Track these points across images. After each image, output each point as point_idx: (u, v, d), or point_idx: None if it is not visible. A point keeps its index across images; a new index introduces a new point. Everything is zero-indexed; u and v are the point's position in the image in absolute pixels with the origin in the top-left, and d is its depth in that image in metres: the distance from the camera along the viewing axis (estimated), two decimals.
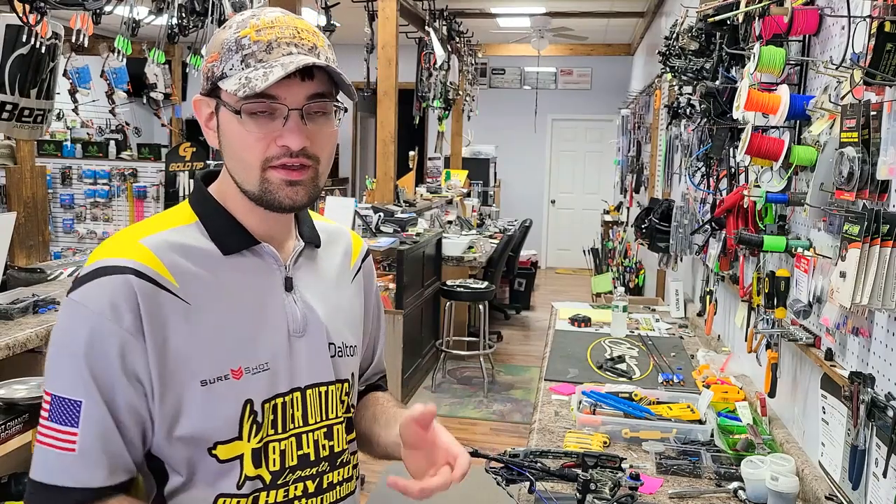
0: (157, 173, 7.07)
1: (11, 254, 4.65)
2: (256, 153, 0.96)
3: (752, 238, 1.85)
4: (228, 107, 0.97)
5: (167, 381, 0.94)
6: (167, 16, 3.18)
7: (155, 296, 0.94)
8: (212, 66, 0.99)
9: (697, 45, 2.40)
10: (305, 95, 0.96)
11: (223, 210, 1.03)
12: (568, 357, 2.84)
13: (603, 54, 10.11)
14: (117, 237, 1.00)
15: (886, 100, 1.34)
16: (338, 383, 1.09)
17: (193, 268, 0.98)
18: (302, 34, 0.97)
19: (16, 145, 5.66)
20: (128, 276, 0.93)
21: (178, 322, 0.95)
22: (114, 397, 0.92)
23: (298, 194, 0.98)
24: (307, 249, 1.11)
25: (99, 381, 0.92)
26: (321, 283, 1.11)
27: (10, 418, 1.90)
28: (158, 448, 0.98)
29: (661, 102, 5.09)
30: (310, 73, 0.96)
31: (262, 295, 1.03)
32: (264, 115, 0.95)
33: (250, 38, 0.95)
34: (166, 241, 0.98)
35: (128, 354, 0.92)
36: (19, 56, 3.01)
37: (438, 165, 8.73)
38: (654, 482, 1.76)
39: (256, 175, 0.97)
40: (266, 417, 1.00)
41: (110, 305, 0.91)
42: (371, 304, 1.25)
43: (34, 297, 2.64)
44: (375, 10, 5.51)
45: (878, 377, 1.40)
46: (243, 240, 1.03)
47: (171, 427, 0.96)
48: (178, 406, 0.95)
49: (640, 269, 6.37)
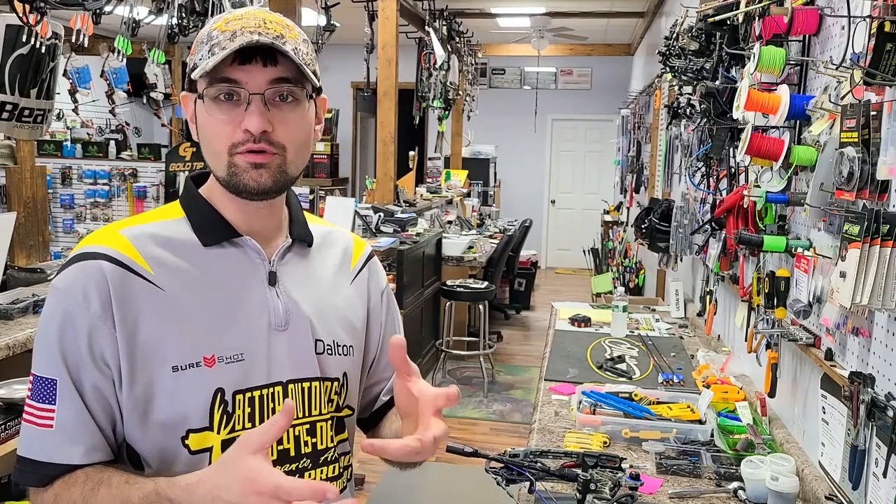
0: (157, 173, 7.06)
1: (11, 254, 4.65)
2: (222, 138, 0.98)
3: (752, 238, 1.85)
4: (198, 96, 1.00)
5: (137, 364, 0.96)
6: (167, 16, 3.18)
7: (126, 281, 0.96)
8: (189, 59, 1.01)
9: (697, 45, 2.40)
10: (267, 80, 0.97)
11: (207, 204, 1.06)
12: (568, 357, 2.84)
13: (603, 54, 10.11)
14: (102, 228, 1.03)
15: (886, 100, 1.34)
16: (325, 381, 1.07)
17: (171, 257, 1.00)
18: (269, 24, 0.98)
19: (16, 145, 5.66)
20: (100, 261, 0.96)
21: (150, 307, 0.97)
22: (81, 378, 0.95)
23: (262, 177, 0.99)
24: (297, 247, 1.11)
25: (68, 361, 0.95)
26: (311, 281, 1.11)
27: (10, 418, 1.90)
28: (132, 437, 0.98)
29: (661, 102, 5.09)
30: (273, 60, 0.97)
31: (242, 287, 1.03)
32: (229, 101, 0.97)
33: (219, 29, 0.97)
34: (147, 232, 1.01)
35: (95, 338, 0.95)
36: (19, 56, 3.01)
37: (438, 165, 8.73)
38: (654, 482, 1.76)
39: (224, 160, 0.99)
40: (242, 409, 0.99)
41: (82, 290, 0.95)
42: (378, 309, 1.22)
43: (34, 297, 2.64)
44: (375, 10, 5.50)
45: (878, 377, 1.40)
46: (224, 232, 1.04)
47: (144, 412, 0.96)
48: (149, 391, 0.96)
49: (640, 269, 6.38)
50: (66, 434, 0.94)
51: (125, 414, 0.97)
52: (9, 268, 3.14)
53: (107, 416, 0.97)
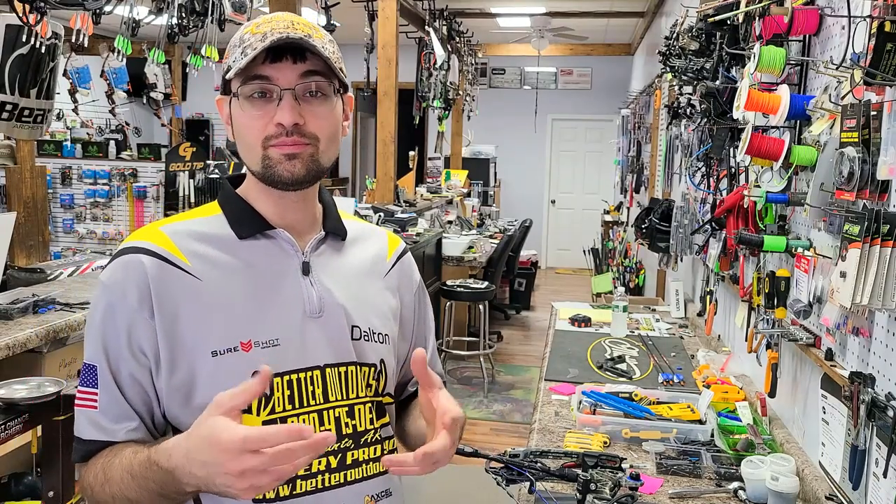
0: (157, 173, 7.06)
1: (11, 254, 4.65)
2: (255, 133, 1.04)
3: (752, 238, 1.85)
4: (233, 95, 1.05)
5: (178, 351, 1.01)
6: (167, 16, 3.18)
7: (165, 273, 1.02)
8: (223, 64, 1.07)
9: (697, 45, 2.40)
10: (297, 75, 1.03)
11: (242, 200, 1.12)
12: (568, 357, 2.84)
13: (603, 54, 10.11)
14: (144, 227, 1.10)
15: (886, 100, 1.34)
16: (362, 366, 1.11)
17: (208, 249, 1.06)
18: (297, 25, 1.03)
19: (16, 145, 5.66)
20: (140, 255, 1.03)
21: (189, 296, 1.02)
22: (119, 367, 1.02)
23: (296, 167, 1.04)
24: (330, 240, 1.15)
25: (108, 351, 1.02)
26: (345, 272, 1.15)
27: (10, 418, 1.90)
28: (178, 420, 1.03)
29: (661, 102, 5.09)
30: (302, 57, 1.03)
31: (276, 276, 1.08)
32: (261, 98, 1.03)
33: (250, 32, 1.03)
34: (185, 227, 1.08)
35: (133, 330, 1.01)
36: (19, 56, 3.01)
37: (438, 165, 8.73)
38: (654, 482, 1.76)
39: (259, 154, 1.04)
40: (281, 392, 1.04)
41: (122, 283, 1.02)
42: (410, 302, 1.25)
43: (34, 297, 2.63)
44: (375, 10, 5.50)
45: (878, 377, 1.40)
46: (258, 224, 1.09)
47: (186, 396, 1.02)
48: (191, 375, 1.01)
49: (640, 269, 6.37)
50: (106, 415, 1.01)
51: (166, 399, 1.03)
52: (9, 268, 3.14)
53: (143, 401, 1.03)
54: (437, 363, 1.32)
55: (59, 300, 2.68)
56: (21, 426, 1.94)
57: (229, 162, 7.71)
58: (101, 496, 1.00)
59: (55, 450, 2.04)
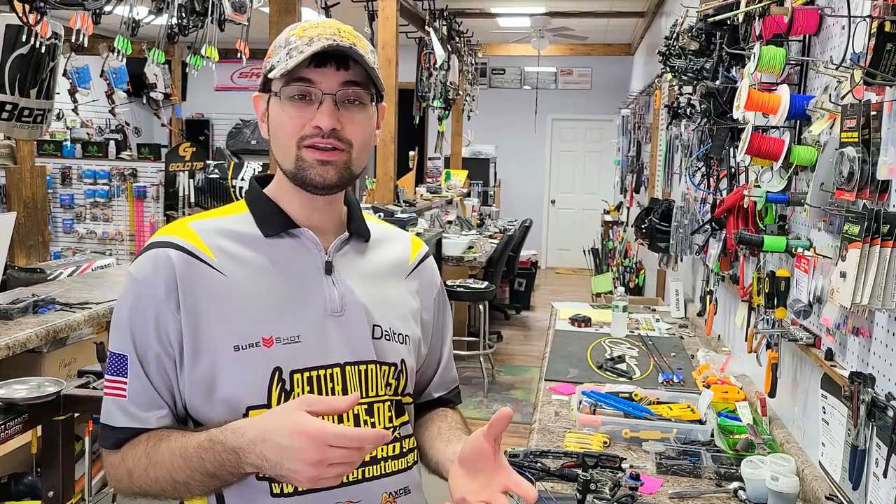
0: (156, 173, 7.06)
1: (11, 254, 4.65)
2: (291, 132, 1.06)
3: (752, 238, 1.85)
4: (274, 94, 1.08)
5: (201, 344, 1.04)
6: (167, 16, 3.18)
7: (191, 267, 1.05)
8: (266, 62, 1.10)
9: (697, 44, 2.40)
10: (339, 82, 1.06)
11: (269, 200, 1.14)
12: (568, 357, 2.84)
13: (603, 54, 10.11)
14: (174, 222, 1.14)
15: (886, 100, 1.34)
16: (382, 365, 1.13)
17: (234, 246, 1.09)
18: (343, 33, 1.07)
19: (16, 145, 5.65)
20: (168, 250, 1.06)
21: (214, 291, 1.05)
22: (147, 356, 1.04)
23: (329, 173, 1.07)
24: (354, 241, 1.18)
25: (136, 340, 1.04)
26: (367, 273, 1.17)
27: (10, 418, 1.90)
28: (198, 413, 1.06)
29: (661, 102, 5.09)
30: (345, 64, 1.06)
31: (299, 274, 1.11)
32: (302, 99, 1.06)
33: (297, 35, 1.07)
34: (213, 224, 1.11)
35: (161, 321, 1.04)
36: (19, 56, 3.01)
37: (438, 165, 8.73)
38: (654, 482, 1.76)
39: (292, 153, 1.07)
40: (301, 388, 1.06)
41: (151, 275, 1.05)
42: (431, 306, 1.27)
43: (34, 297, 2.64)
44: (375, 10, 5.50)
45: (878, 377, 1.40)
46: (283, 223, 1.12)
47: (208, 389, 1.04)
48: (212, 369, 1.04)
49: (640, 269, 6.37)
50: (136, 402, 1.04)
51: (188, 392, 1.05)
52: (9, 268, 3.15)
53: (168, 390, 1.06)
54: (451, 368, 1.33)
55: (59, 300, 2.68)
56: (21, 426, 1.93)
57: (229, 162, 7.72)
58: (141, 481, 1.02)
59: (55, 450, 2.04)
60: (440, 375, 1.30)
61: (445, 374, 1.31)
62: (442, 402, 1.30)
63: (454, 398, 1.33)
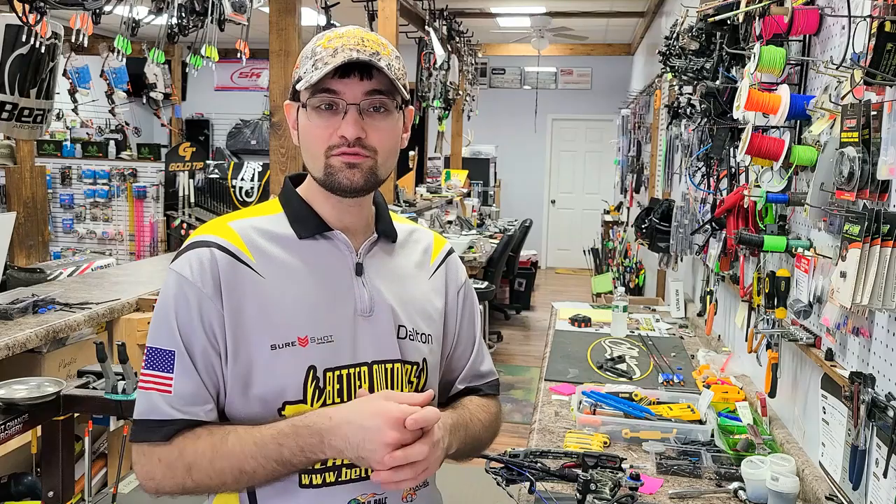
0: (156, 173, 7.06)
1: (11, 254, 4.65)
2: (320, 142, 1.10)
3: (752, 238, 1.85)
4: (301, 104, 1.12)
5: (240, 342, 1.07)
6: (167, 16, 3.18)
7: (233, 267, 1.09)
8: (294, 72, 1.14)
9: (697, 44, 2.39)
10: (363, 92, 1.09)
11: (303, 202, 1.18)
12: (568, 357, 2.84)
13: (603, 54, 10.11)
14: (213, 220, 1.17)
15: (887, 100, 1.34)
16: (406, 364, 1.17)
17: (271, 248, 1.13)
18: (366, 42, 1.10)
19: (16, 145, 5.66)
20: (212, 249, 1.10)
21: (252, 291, 1.09)
22: (193, 350, 1.07)
23: (356, 176, 1.10)
24: (382, 242, 1.22)
25: (182, 334, 1.07)
26: (394, 273, 1.21)
27: (10, 418, 1.90)
28: (234, 409, 1.09)
29: (661, 102, 5.09)
30: (369, 74, 1.09)
31: (332, 275, 1.15)
32: (328, 109, 1.09)
33: (322, 46, 1.10)
34: (251, 224, 1.15)
35: (206, 314, 1.07)
36: (19, 56, 3.01)
37: (438, 165, 8.72)
38: (655, 482, 1.76)
39: (322, 162, 1.11)
40: (332, 385, 1.10)
41: (195, 271, 1.08)
42: (454, 302, 1.29)
43: (34, 297, 2.64)
44: (375, 10, 5.50)
45: (878, 377, 1.40)
46: (317, 226, 1.16)
47: (245, 386, 1.08)
48: (249, 366, 1.07)
49: (641, 269, 6.37)
50: (183, 398, 1.06)
51: (228, 387, 1.09)
52: (9, 268, 3.15)
53: (213, 384, 1.09)
54: (483, 361, 1.35)
55: (59, 300, 2.68)
56: (21, 426, 1.94)
57: (229, 162, 7.72)
58: (202, 473, 1.04)
59: (55, 450, 2.04)
60: (469, 368, 1.32)
61: (475, 366, 1.33)
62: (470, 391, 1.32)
63: (486, 388, 1.34)
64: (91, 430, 2.24)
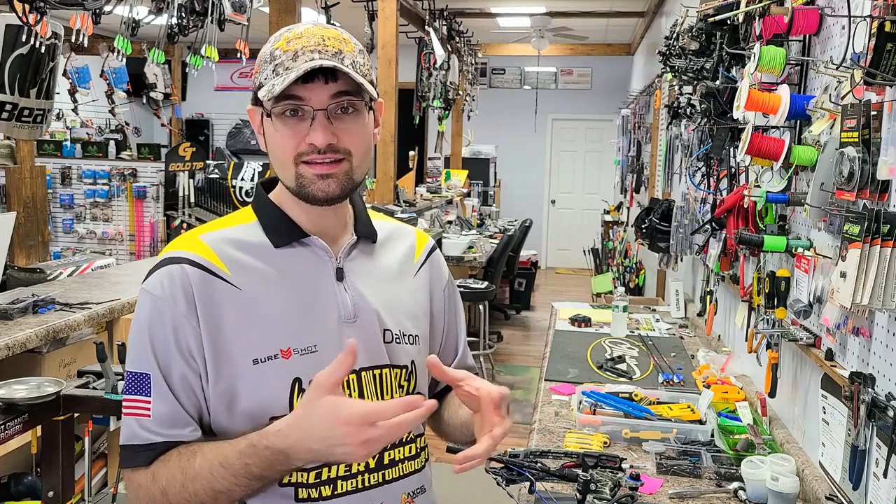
0: (156, 173, 7.06)
1: (11, 254, 4.65)
2: (287, 151, 1.05)
3: (752, 238, 1.85)
4: (265, 112, 1.06)
5: (221, 359, 1.03)
6: (167, 16, 3.18)
7: (208, 283, 1.04)
8: (254, 77, 1.08)
9: (697, 44, 2.39)
10: (329, 95, 1.03)
11: (277, 208, 1.13)
12: (568, 357, 2.84)
13: (603, 54, 10.11)
14: (183, 235, 1.12)
15: (887, 100, 1.34)
16: (395, 368, 1.14)
17: (246, 258, 1.08)
18: (327, 42, 1.04)
19: (15, 145, 5.66)
20: (183, 265, 1.05)
21: (230, 306, 1.05)
22: (170, 372, 1.03)
23: (330, 187, 1.06)
24: (361, 244, 1.18)
25: (158, 357, 1.03)
26: (376, 275, 1.17)
27: (10, 418, 1.90)
28: (220, 426, 1.05)
29: (661, 102, 5.09)
30: (333, 76, 1.03)
31: (312, 283, 1.11)
32: (294, 116, 1.04)
33: (281, 49, 1.04)
34: (223, 236, 1.10)
35: (181, 334, 1.02)
36: (19, 56, 3.01)
37: (438, 165, 8.72)
38: (655, 482, 1.76)
39: (292, 171, 1.06)
40: None
41: (168, 290, 1.03)
42: (440, 298, 1.27)
43: (34, 297, 2.64)
44: (375, 10, 5.50)
45: (878, 377, 1.40)
46: (293, 233, 1.11)
47: (229, 403, 1.04)
48: (233, 383, 1.04)
49: (641, 269, 6.37)
50: (161, 421, 1.02)
51: (212, 406, 1.05)
52: (9, 268, 3.15)
53: (193, 406, 1.05)
54: (468, 357, 1.35)
55: (59, 300, 2.68)
56: (21, 426, 1.93)
57: (229, 162, 7.71)
58: (178, 497, 1.00)
59: (55, 450, 2.04)
60: (457, 363, 1.31)
61: (463, 360, 1.33)
62: None
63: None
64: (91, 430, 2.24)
